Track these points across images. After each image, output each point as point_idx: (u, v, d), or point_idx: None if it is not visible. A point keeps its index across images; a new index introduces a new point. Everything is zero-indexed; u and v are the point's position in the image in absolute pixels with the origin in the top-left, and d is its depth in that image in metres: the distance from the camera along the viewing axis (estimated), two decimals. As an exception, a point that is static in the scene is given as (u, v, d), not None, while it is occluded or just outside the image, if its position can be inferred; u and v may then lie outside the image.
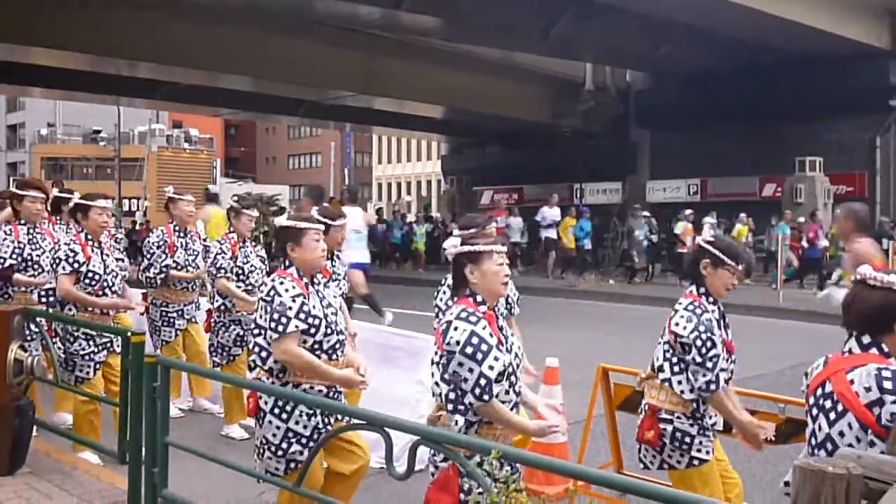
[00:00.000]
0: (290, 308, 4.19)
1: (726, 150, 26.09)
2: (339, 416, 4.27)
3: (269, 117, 43.02)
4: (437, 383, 3.62)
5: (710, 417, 4.32)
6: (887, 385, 2.82)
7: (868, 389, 2.85)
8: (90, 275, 6.24)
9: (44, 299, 6.86)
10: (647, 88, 29.39)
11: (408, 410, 6.15)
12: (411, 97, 27.75)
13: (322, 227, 4.55)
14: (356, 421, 3.95)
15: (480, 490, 3.18)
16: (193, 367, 7.35)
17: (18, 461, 5.42)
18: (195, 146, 59.85)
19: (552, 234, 23.19)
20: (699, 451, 4.27)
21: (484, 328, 3.53)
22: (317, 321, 4.26)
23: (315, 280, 4.46)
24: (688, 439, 4.26)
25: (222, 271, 7.40)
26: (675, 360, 4.27)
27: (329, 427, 4.26)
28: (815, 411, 3.03)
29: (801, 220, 21.46)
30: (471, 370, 3.46)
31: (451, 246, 3.77)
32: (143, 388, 4.61)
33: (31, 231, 6.94)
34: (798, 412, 4.84)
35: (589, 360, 6.11)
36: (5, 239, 6.83)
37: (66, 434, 6.30)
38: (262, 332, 4.25)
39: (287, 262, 4.40)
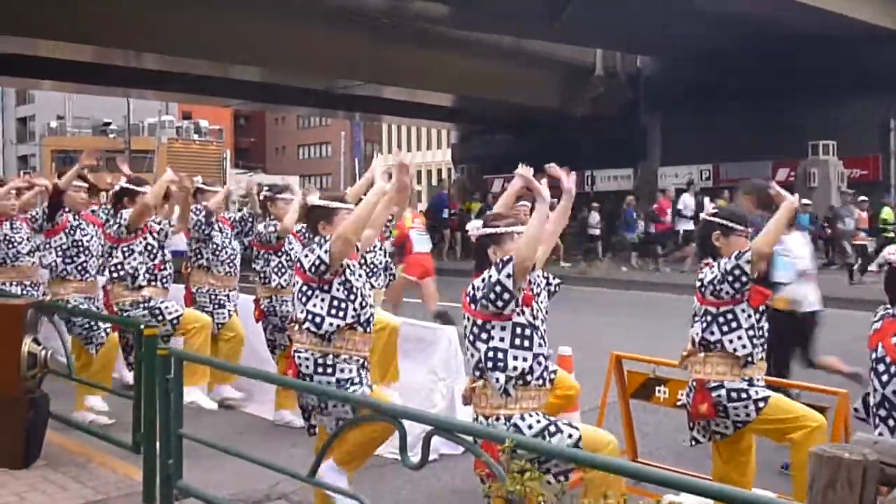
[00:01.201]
0: None
1: (738, 134, 25.92)
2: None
3: (279, 107, 43.07)
4: (472, 354, 3.85)
5: (757, 380, 4.41)
6: None
7: None
8: (149, 247, 6.69)
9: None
10: (657, 73, 29.23)
11: (420, 400, 6.15)
12: (421, 85, 27.68)
13: (352, 206, 4.67)
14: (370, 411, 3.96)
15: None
16: (208, 358, 7.32)
17: (33, 454, 5.44)
18: (205, 137, 59.83)
19: (690, 225, 20.29)
20: (758, 393, 4.37)
21: None
22: (356, 290, 4.43)
23: None
24: (744, 393, 4.35)
25: (259, 236, 7.51)
26: (721, 320, 4.34)
27: (366, 375, 4.51)
28: (871, 374, 3.32)
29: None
30: (502, 285, 3.72)
31: (474, 228, 3.98)
32: (156, 381, 4.63)
33: (77, 217, 7.38)
34: (811, 398, 4.82)
35: (602, 347, 6.10)
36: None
37: (80, 426, 6.32)
38: (310, 296, 4.40)
39: None
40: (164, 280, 6.81)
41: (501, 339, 3.77)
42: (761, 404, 4.35)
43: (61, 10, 19.52)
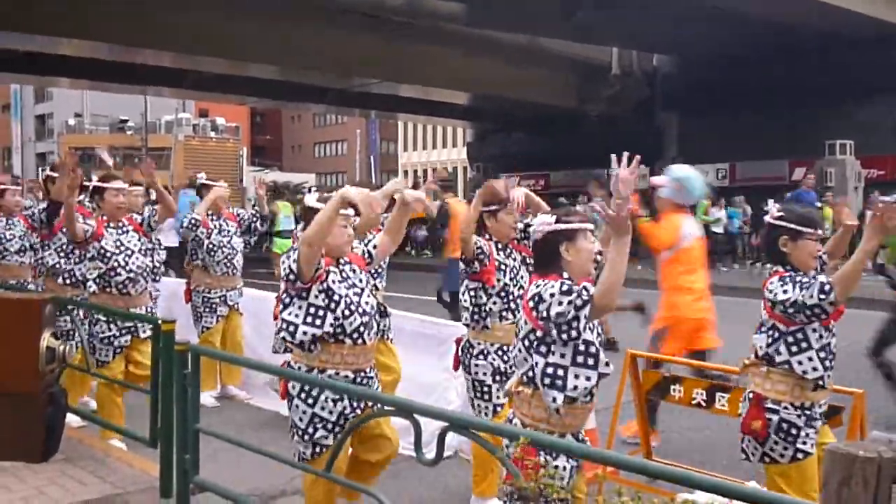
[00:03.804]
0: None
1: (755, 133, 25.81)
2: (368, 403, 4.27)
3: (295, 105, 43.15)
4: (525, 359, 3.59)
5: (820, 406, 4.13)
6: None
7: None
8: (101, 251, 6.31)
9: (68, 281, 7.11)
10: (673, 71, 29.14)
11: (436, 397, 6.17)
12: (436, 84, 27.71)
13: (351, 212, 4.38)
14: (385, 407, 3.97)
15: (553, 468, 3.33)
16: (224, 354, 7.39)
17: (52, 448, 5.47)
18: (222, 135, 60.02)
19: None
20: (804, 443, 4.07)
21: None
22: (339, 297, 4.23)
23: (341, 260, 4.39)
24: (794, 431, 4.06)
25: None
26: (790, 339, 4.06)
27: (356, 412, 4.24)
28: None
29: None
30: (569, 302, 3.45)
31: (544, 223, 3.73)
32: (173, 376, 4.65)
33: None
34: (833, 398, 4.80)
35: (619, 346, 6.10)
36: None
37: (95, 419, 6.36)
38: (288, 303, 4.26)
39: None
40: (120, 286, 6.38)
41: (562, 356, 3.54)
42: (800, 456, 4.06)
43: (79, 9, 19.65)
